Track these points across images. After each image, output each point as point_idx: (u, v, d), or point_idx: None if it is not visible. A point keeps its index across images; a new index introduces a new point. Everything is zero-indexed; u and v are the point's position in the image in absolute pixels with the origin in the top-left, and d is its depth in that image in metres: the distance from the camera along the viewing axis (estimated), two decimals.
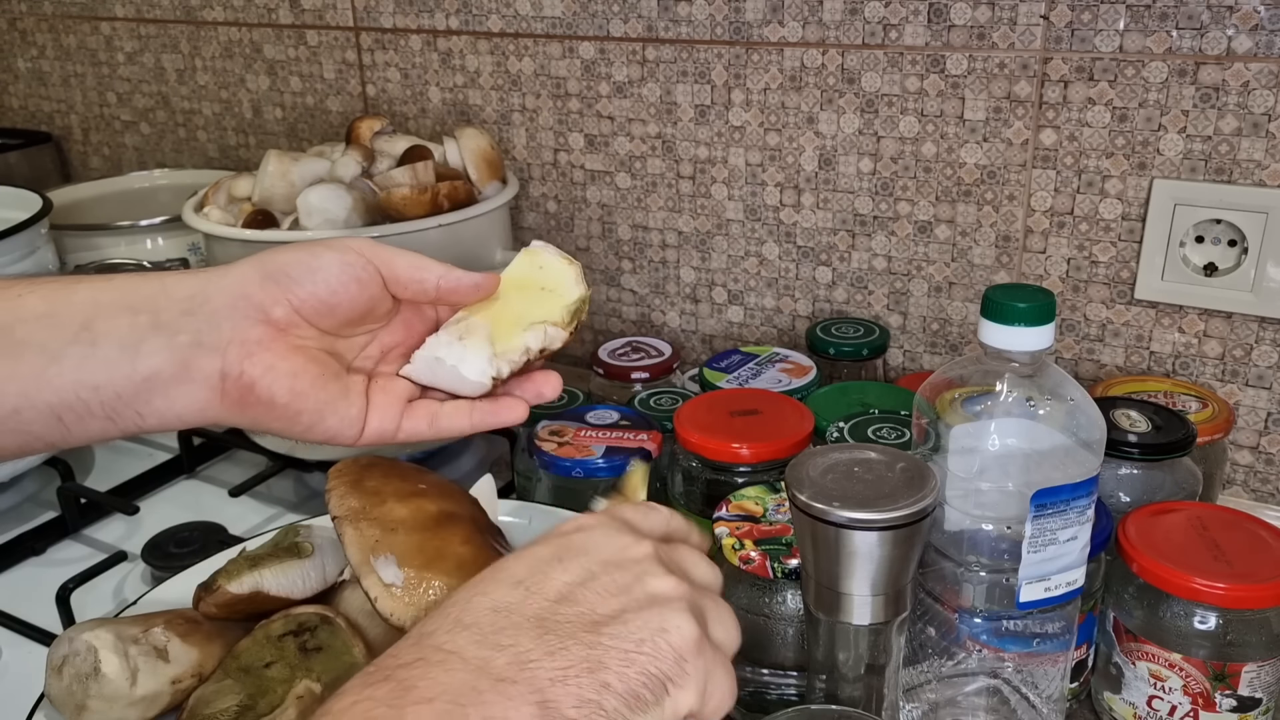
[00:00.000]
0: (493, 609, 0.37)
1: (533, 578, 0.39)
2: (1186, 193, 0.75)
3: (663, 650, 0.38)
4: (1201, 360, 0.78)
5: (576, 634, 0.37)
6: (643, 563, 0.40)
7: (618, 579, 0.39)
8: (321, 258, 0.49)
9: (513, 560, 0.40)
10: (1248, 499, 0.80)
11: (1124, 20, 0.73)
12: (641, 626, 0.38)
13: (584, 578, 0.39)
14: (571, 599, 0.38)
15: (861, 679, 0.51)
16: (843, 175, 0.87)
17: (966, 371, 0.51)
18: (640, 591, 0.39)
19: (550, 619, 0.37)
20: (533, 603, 0.38)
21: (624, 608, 0.38)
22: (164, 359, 0.46)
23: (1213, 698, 0.54)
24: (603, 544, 0.41)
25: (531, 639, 0.36)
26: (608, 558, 0.40)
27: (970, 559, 0.51)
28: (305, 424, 0.49)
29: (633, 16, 0.91)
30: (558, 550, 0.40)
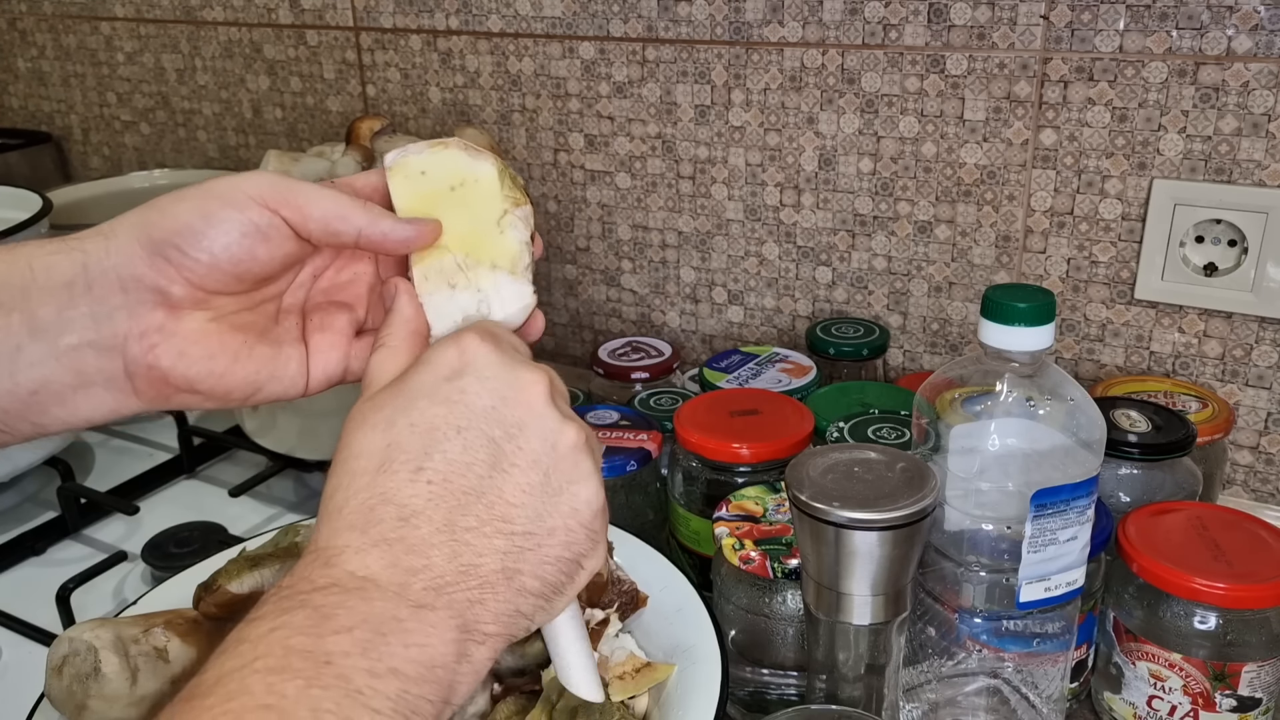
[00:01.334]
0: (400, 518, 0.35)
1: (432, 462, 0.36)
2: (1186, 193, 0.75)
3: (575, 532, 0.37)
4: (1201, 360, 0.78)
5: (491, 541, 0.35)
6: (539, 410, 0.38)
7: (523, 444, 0.37)
8: (216, 219, 0.41)
9: (405, 430, 0.36)
10: (1248, 499, 0.80)
11: (1124, 20, 0.73)
12: (554, 513, 0.37)
13: (487, 455, 0.36)
14: (477, 491, 0.36)
15: (861, 679, 0.51)
16: (843, 175, 0.87)
17: (966, 371, 0.51)
18: (550, 464, 0.37)
19: (460, 526, 0.35)
20: (440, 504, 0.35)
21: (536, 498, 0.37)
22: (50, 369, 0.40)
23: (1213, 698, 0.54)
24: (497, 393, 0.37)
25: (445, 557, 0.35)
26: (506, 415, 0.37)
27: (970, 559, 0.51)
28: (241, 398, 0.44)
29: (633, 16, 0.91)
30: (452, 412, 0.37)
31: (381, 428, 0.37)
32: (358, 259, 0.47)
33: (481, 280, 0.44)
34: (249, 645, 0.32)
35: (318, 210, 0.42)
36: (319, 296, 0.46)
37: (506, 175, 0.45)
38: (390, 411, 0.37)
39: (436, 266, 0.44)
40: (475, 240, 0.44)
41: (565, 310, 1.06)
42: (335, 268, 0.47)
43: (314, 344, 0.45)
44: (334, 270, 0.47)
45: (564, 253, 1.03)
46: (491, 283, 0.44)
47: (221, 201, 0.41)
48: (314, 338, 0.45)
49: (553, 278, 1.05)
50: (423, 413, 0.37)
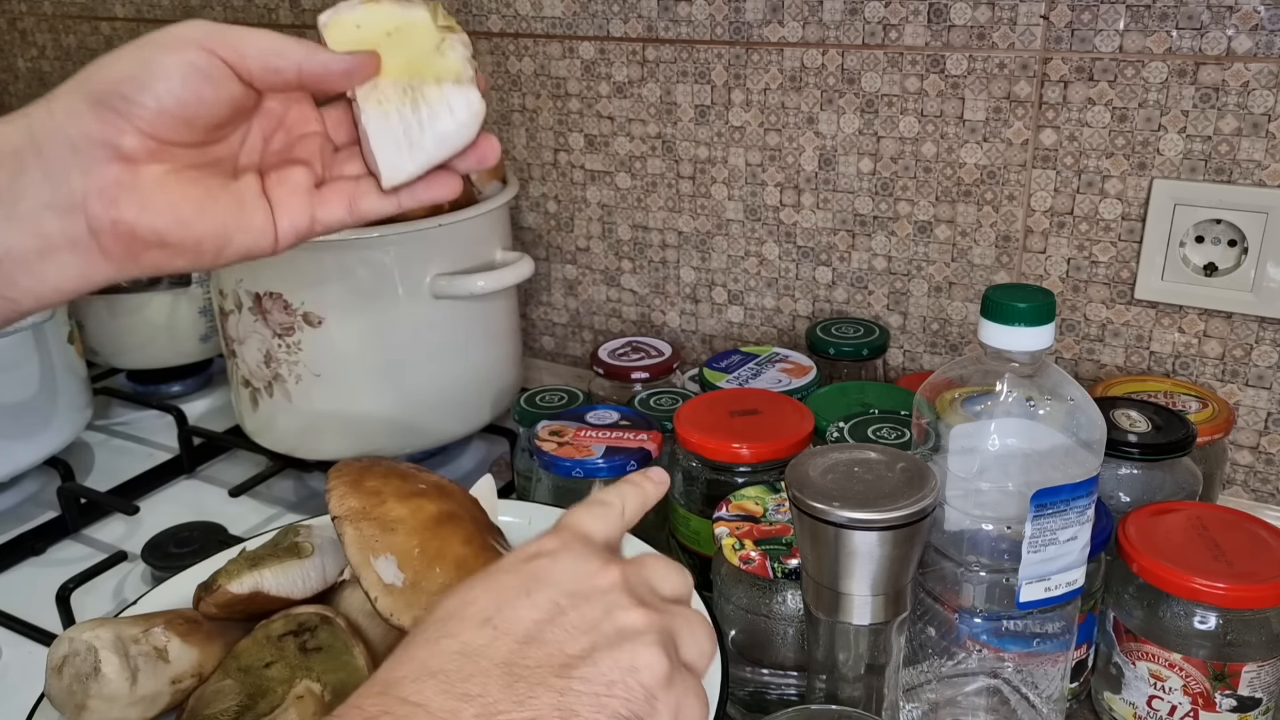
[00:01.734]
0: (460, 653, 0.35)
1: (500, 615, 0.37)
2: (1186, 193, 0.75)
3: (634, 690, 0.37)
4: (1201, 360, 0.78)
5: (546, 680, 0.35)
6: (609, 593, 0.39)
7: (586, 614, 0.38)
8: (156, 65, 0.41)
9: (480, 590, 0.38)
10: (1248, 499, 0.80)
11: (1124, 20, 0.73)
12: (612, 667, 0.36)
13: (551, 613, 0.37)
14: (539, 639, 0.36)
15: (861, 679, 0.51)
16: (843, 175, 0.87)
17: (966, 371, 0.51)
18: (609, 627, 0.37)
19: (518, 664, 0.35)
20: (500, 645, 0.36)
21: (593, 646, 0.37)
22: (13, 235, 0.40)
23: (1213, 698, 0.54)
24: (569, 572, 0.39)
25: (499, 687, 0.34)
26: (574, 588, 0.38)
27: (970, 559, 0.51)
28: (212, 251, 0.43)
29: (633, 16, 0.91)
30: (524, 581, 0.38)
31: (460, 592, 0.38)
32: (305, 120, 0.47)
33: (428, 95, 0.44)
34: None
35: (254, 48, 0.42)
36: (273, 158, 0.46)
37: (439, 12, 0.46)
38: (474, 580, 0.39)
39: (380, 97, 0.45)
40: (417, 66, 0.45)
41: (565, 310, 1.06)
42: (284, 129, 0.47)
43: (276, 198, 0.45)
44: (283, 132, 0.47)
45: (564, 253, 1.03)
46: (438, 95, 0.44)
47: (159, 48, 0.41)
48: (275, 192, 0.45)
49: (553, 278, 1.05)
50: (496, 583, 0.38)
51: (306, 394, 0.80)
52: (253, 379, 0.83)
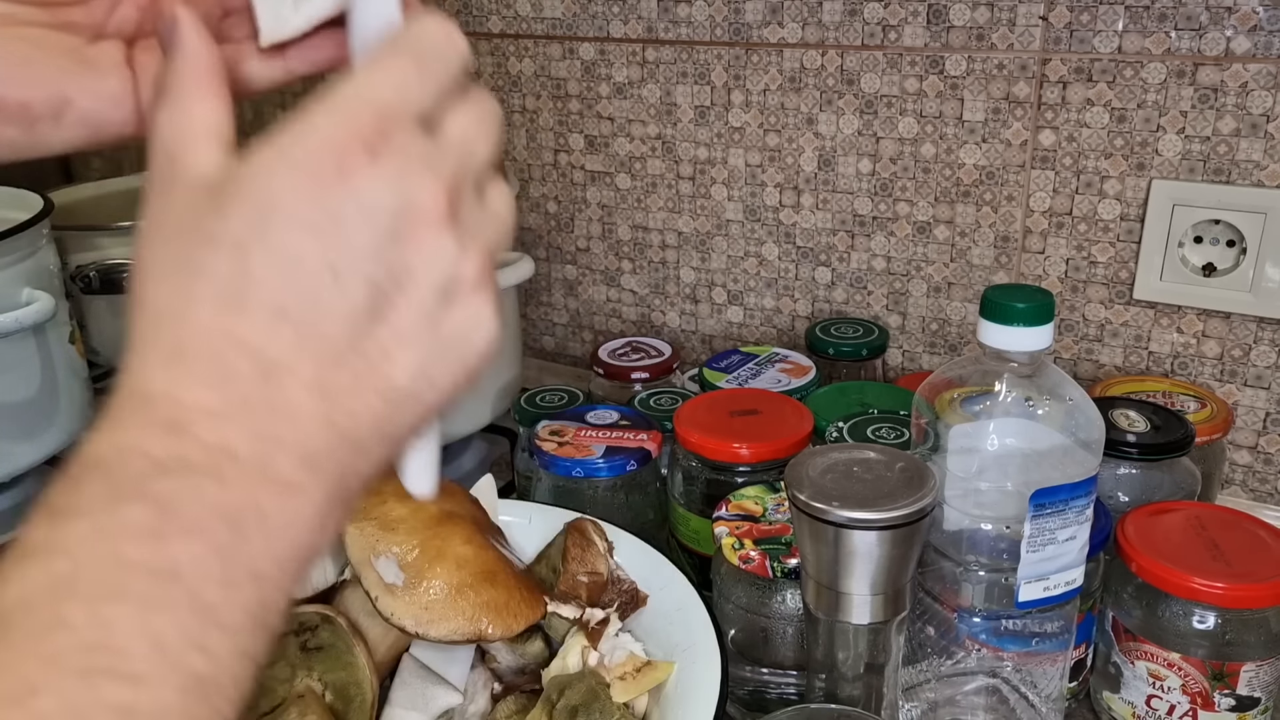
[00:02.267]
0: (260, 371, 0.28)
1: (299, 306, 0.28)
2: (1185, 193, 0.75)
3: (460, 384, 0.31)
4: (1200, 360, 0.78)
5: (368, 401, 0.29)
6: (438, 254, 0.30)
7: (414, 294, 0.29)
8: None
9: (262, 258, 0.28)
10: (1246, 499, 0.80)
11: (1122, 21, 0.74)
12: (442, 369, 0.30)
13: (366, 302, 0.29)
14: (359, 347, 0.29)
15: (861, 678, 0.51)
16: (842, 176, 0.87)
17: (965, 371, 0.51)
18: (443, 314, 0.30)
19: (333, 386, 0.28)
20: (307, 358, 0.28)
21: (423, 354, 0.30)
22: None
23: (1211, 697, 0.54)
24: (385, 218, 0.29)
25: (318, 423, 0.28)
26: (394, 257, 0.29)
27: (969, 558, 0.51)
28: (47, 117, 0.36)
29: (632, 17, 0.91)
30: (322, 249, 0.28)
31: (231, 247, 0.28)
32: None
33: None
34: (65, 557, 0.25)
35: None
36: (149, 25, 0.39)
37: None
38: (238, 226, 0.28)
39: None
40: None
41: (565, 310, 1.06)
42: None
43: (141, 63, 0.38)
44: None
45: (564, 253, 1.04)
46: None
47: None
48: (141, 58, 0.38)
49: (553, 278, 1.05)
50: (285, 240, 0.28)
51: None
52: None
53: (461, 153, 0.31)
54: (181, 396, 0.27)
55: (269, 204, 0.28)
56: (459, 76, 0.32)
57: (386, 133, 0.29)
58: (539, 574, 0.58)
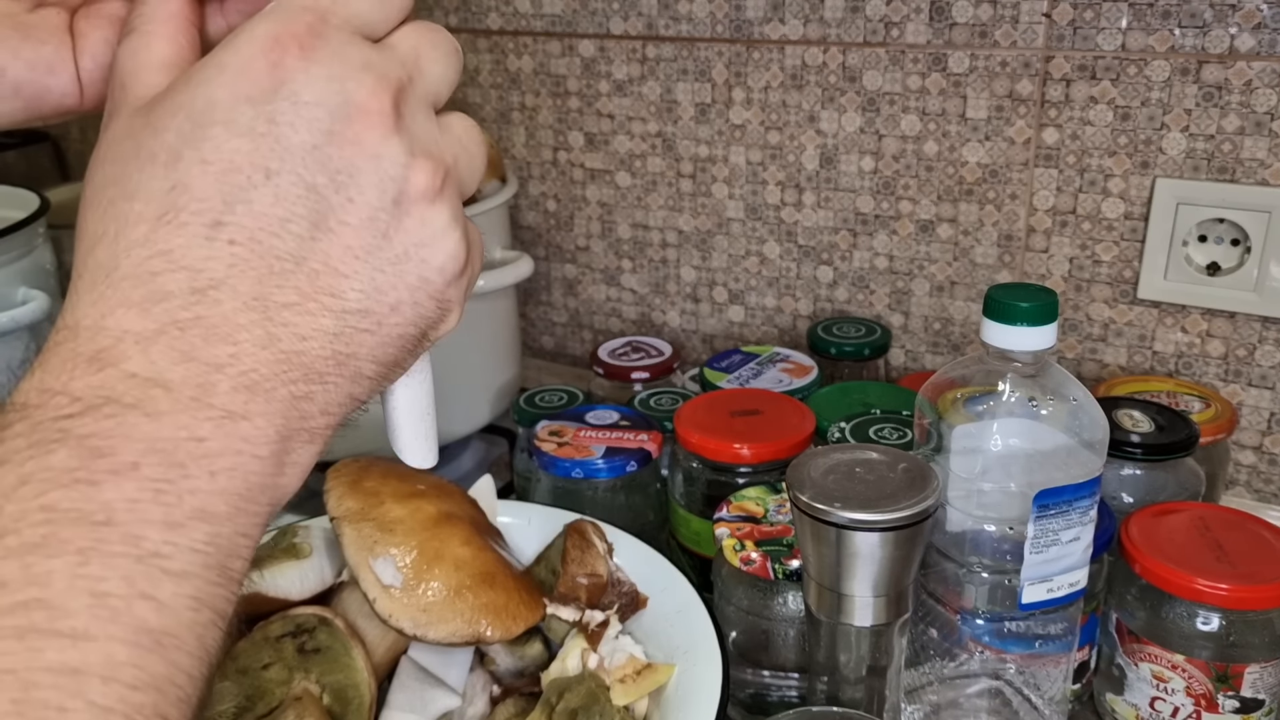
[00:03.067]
0: (194, 289, 0.26)
1: (233, 213, 0.26)
2: (1189, 192, 0.74)
3: (423, 305, 0.29)
4: (1204, 360, 0.78)
5: (317, 320, 0.27)
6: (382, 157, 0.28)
7: (360, 199, 0.28)
8: None
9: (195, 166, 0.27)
10: (1251, 499, 0.80)
11: (1126, 18, 0.73)
12: (397, 285, 0.28)
13: (307, 208, 0.27)
14: (303, 261, 0.27)
15: (863, 681, 0.51)
16: (844, 174, 0.87)
17: (969, 371, 0.51)
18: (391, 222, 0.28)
19: (275, 301, 0.27)
20: (247, 273, 0.26)
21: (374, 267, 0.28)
22: None
23: (1215, 699, 0.53)
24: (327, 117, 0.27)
25: (257, 343, 0.26)
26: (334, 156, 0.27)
27: (972, 560, 0.51)
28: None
29: (633, 14, 0.91)
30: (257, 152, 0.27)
31: (162, 160, 0.27)
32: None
33: None
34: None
35: None
36: None
37: None
38: (173, 138, 0.27)
39: None
40: None
41: (565, 310, 1.06)
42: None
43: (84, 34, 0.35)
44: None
45: (564, 252, 1.03)
46: None
47: None
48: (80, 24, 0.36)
49: (552, 277, 1.05)
50: (219, 146, 0.27)
51: None
52: None
53: (408, 63, 0.29)
54: (108, 324, 0.25)
55: (203, 111, 0.27)
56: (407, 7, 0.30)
57: (322, 33, 0.28)
58: (538, 575, 0.58)
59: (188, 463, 0.25)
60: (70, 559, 0.23)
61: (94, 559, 0.23)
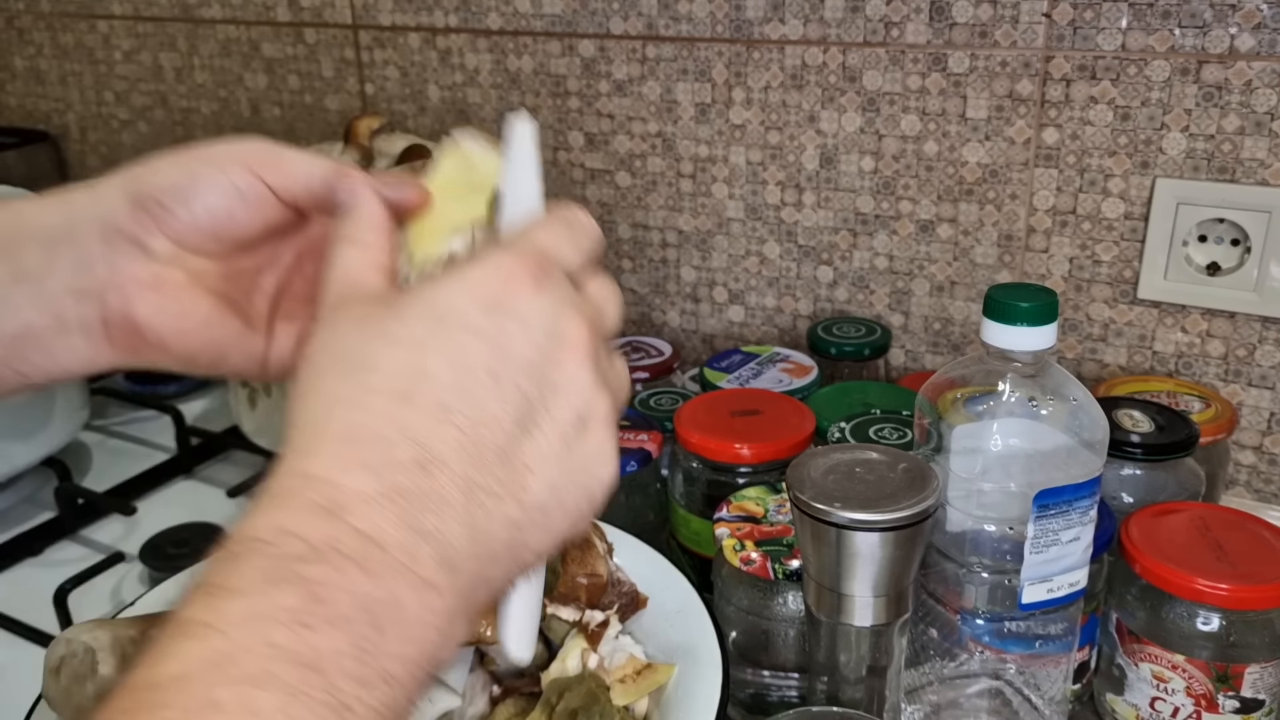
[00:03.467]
0: (418, 463, 0.29)
1: (462, 405, 0.31)
2: (1189, 192, 0.74)
3: (582, 513, 0.33)
4: (1204, 360, 0.78)
5: (505, 508, 0.31)
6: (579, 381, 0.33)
7: (557, 418, 0.32)
8: (199, 178, 0.41)
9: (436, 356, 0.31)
10: (1251, 499, 0.80)
11: (1126, 18, 0.73)
12: (570, 492, 0.33)
13: (520, 414, 0.31)
14: (507, 457, 0.31)
15: (863, 681, 0.51)
16: (844, 174, 0.87)
17: (969, 371, 0.51)
18: (576, 439, 0.33)
19: (478, 486, 0.30)
20: (463, 458, 0.30)
21: (556, 472, 0.32)
22: (34, 312, 0.40)
23: (1216, 699, 0.53)
24: (539, 342, 0.32)
25: (461, 523, 0.30)
26: (545, 373, 0.32)
27: (972, 560, 0.51)
28: (205, 365, 0.43)
29: (632, 14, 0.91)
30: (490, 353, 0.31)
31: (408, 346, 0.31)
32: None
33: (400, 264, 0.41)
34: (221, 636, 0.26)
35: (297, 170, 0.41)
36: (297, 287, 0.45)
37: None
38: (421, 330, 0.32)
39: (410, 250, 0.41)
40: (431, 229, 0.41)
41: None
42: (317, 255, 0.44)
43: (277, 330, 0.44)
44: (314, 262, 0.45)
45: None
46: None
47: (207, 163, 0.42)
48: (279, 325, 0.44)
49: None
50: (461, 346, 0.31)
51: None
52: (251, 379, 0.82)
53: (598, 310, 0.35)
54: (342, 480, 0.29)
55: (446, 312, 0.32)
56: (595, 253, 0.37)
57: (547, 270, 0.33)
58: None
59: (386, 626, 0.27)
60: (279, 696, 0.25)
61: (299, 700, 0.25)
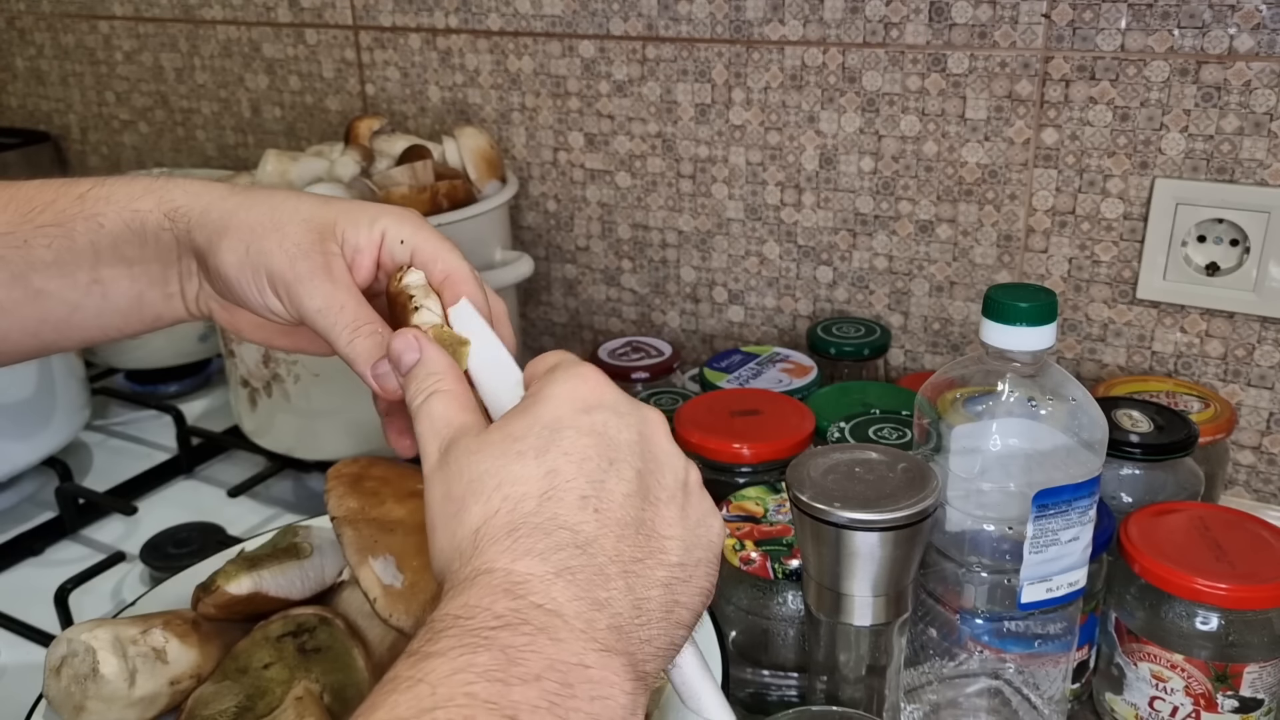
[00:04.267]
0: (577, 546, 0.34)
1: (595, 493, 0.35)
2: (1188, 192, 0.75)
3: (712, 564, 0.37)
4: (1203, 360, 0.78)
5: (654, 573, 0.35)
6: (665, 448, 0.38)
7: (664, 482, 0.37)
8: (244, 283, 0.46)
9: (562, 459, 0.36)
10: (1250, 499, 0.80)
11: (1126, 19, 0.73)
12: (697, 545, 0.37)
13: (637, 486, 0.36)
14: (639, 524, 0.35)
15: (863, 680, 0.51)
16: (844, 174, 0.87)
17: (968, 371, 0.51)
18: (683, 496, 0.38)
19: (628, 560, 0.35)
20: (608, 535, 0.35)
21: (681, 523, 0.37)
22: (163, 307, 0.50)
23: (1215, 698, 0.53)
24: (630, 428, 0.38)
25: (621, 591, 0.34)
26: (643, 449, 0.37)
27: (972, 560, 0.51)
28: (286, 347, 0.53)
29: (633, 15, 0.91)
30: (600, 445, 0.36)
31: (532, 456, 0.36)
32: None
33: None
34: (427, 688, 0.29)
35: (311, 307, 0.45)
36: None
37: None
38: (536, 441, 0.36)
39: None
40: None
41: (565, 310, 1.06)
42: None
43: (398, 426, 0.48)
44: None
45: (564, 252, 1.03)
46: None
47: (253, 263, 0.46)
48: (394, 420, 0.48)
49: (552, 277, 1.05)
50: (574, 443, 0.36)
51: (305, 394, 0.80)
52: (251, 379, 0.83)
53: None
54: (517, 568, 0.33)
55: (554, 424, 0.37)
56: None
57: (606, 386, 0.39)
58: None
59: (575, 684, 0.31)
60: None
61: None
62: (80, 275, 0.48)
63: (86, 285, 0.48)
